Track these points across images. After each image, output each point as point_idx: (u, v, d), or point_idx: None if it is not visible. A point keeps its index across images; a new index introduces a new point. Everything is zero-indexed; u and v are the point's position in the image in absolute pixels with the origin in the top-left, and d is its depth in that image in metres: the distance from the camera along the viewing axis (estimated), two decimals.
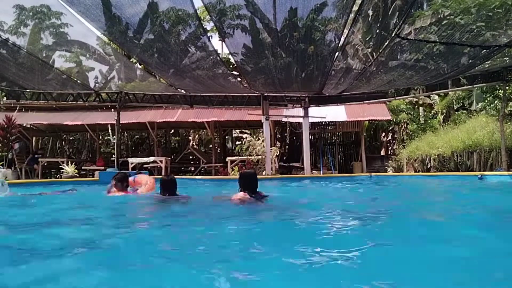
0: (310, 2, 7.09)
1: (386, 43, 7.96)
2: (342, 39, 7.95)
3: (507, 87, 11.55)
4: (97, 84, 12.56)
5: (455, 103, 17.64)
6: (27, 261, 2.53)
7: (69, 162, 13.24)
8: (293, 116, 13.97)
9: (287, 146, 18.04)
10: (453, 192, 8.10)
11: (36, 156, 16.06)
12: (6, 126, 12.34)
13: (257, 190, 4.73)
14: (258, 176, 5.00)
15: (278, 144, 17.29)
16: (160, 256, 2.60)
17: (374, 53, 8.58)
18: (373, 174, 11.70)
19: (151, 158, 13.71)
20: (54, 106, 15.68)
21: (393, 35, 7.43)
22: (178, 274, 2.19)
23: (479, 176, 9.27)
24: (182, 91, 12.92)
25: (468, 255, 2.45)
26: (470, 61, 8.93)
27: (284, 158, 15.94)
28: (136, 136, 21.95)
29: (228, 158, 13.49)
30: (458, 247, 2.68)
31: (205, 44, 9.00)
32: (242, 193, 4.66)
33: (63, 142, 20.43)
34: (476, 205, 5.32)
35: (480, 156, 11.48)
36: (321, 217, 4.24)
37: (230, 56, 11.35)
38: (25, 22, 9.66)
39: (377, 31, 8.02)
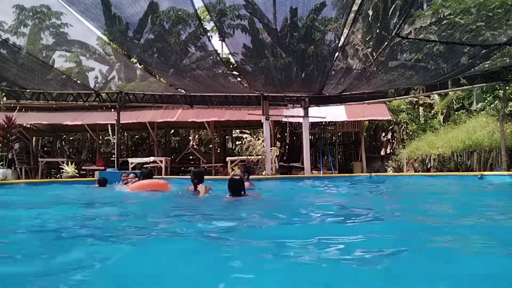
0: (310, 2, 7.10)
1: (386, 43, 7.96)
2: (342, 39, 7.95)
3: (507, 87, 11.55)
4: (97, 84, 12.56)
5: (455, 103, 17.64)
6: None
7: (69, 162, 13.25)
8: (293, 116, 13.97)
9: (287, 146, 18.04)
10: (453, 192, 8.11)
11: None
12: (6, 126, 12.35)
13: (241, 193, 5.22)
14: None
15: (278, 144, 17.28)
16: None
17: (374, 53, 8.58)
18: (373, 174, 11.71)
19: (151, 158, 13.71)
20: (54, 106, 15.68)
21: (393, 34, 7.43)
22: None
23: (479, 176, 9.28)
24: (182, 91, 12.92)
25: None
26: (470, 60, 8.93)
27: (284, 158, 15.95)
28: (136, 136, 21.94)
29: (228, 158, 13.49)
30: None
31: (205, 44, 9.01)
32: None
33: (63, 142, 20.42)
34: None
35: (480, 156, 11.48)
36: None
37: (230, 56, 11.35)
38: (25, 22, 9.66)
39: (377, 31, 8.01)
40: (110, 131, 16.59)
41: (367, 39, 8.51)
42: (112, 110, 14.29)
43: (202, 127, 18.17)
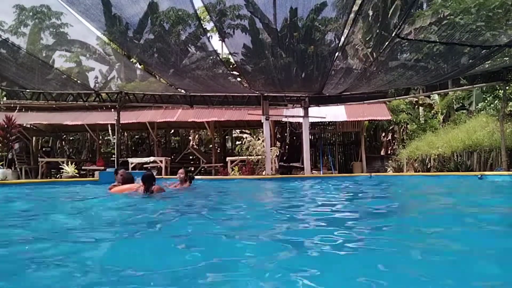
0: (310, 2, 7.09)
1: (386, 43, 7.96)
2: (342, 39, 7.94)
3: (507, 87, 11.55)
4: (97, 84, 12.56)
5: (455, 103, 17.65)
6: None
7: (69, 162, 13.26)
8: (293, 116, 13.97)
9: (287, 146, 18.04)
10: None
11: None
12: (6, 126, 12.35)
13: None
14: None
15: (278, 144, 17.28)
16: None
17: (374, 53, 8.58)
18: (373, 174, 11.71)
19: (151, 158, 13.72)
20: (54, 106, 15.68)
21: (393, 35, 7.43)
22: None
23: (479, 176, 9.27)
24: (182, 91, 12.92)
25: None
26: (470, 61, 8.93)
27: (284, 158, 15.95)
28: (136, 136, 21.95)
29: (228, 158, 13.50)
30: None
31: (205, 44, 9.01)
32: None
33: (63, 142, 20.42)
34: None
35: (480, 156, 11.48)
36: None
37: (230, 56, 11.35)
38: (25, 22, 9.66)
39: (377, 31, 8.01)
40: (110, 131, 16.59)
41: (367, 39, 8.50)
42: (112, 110, 14.29)
43: (202, 127, 18.18)
